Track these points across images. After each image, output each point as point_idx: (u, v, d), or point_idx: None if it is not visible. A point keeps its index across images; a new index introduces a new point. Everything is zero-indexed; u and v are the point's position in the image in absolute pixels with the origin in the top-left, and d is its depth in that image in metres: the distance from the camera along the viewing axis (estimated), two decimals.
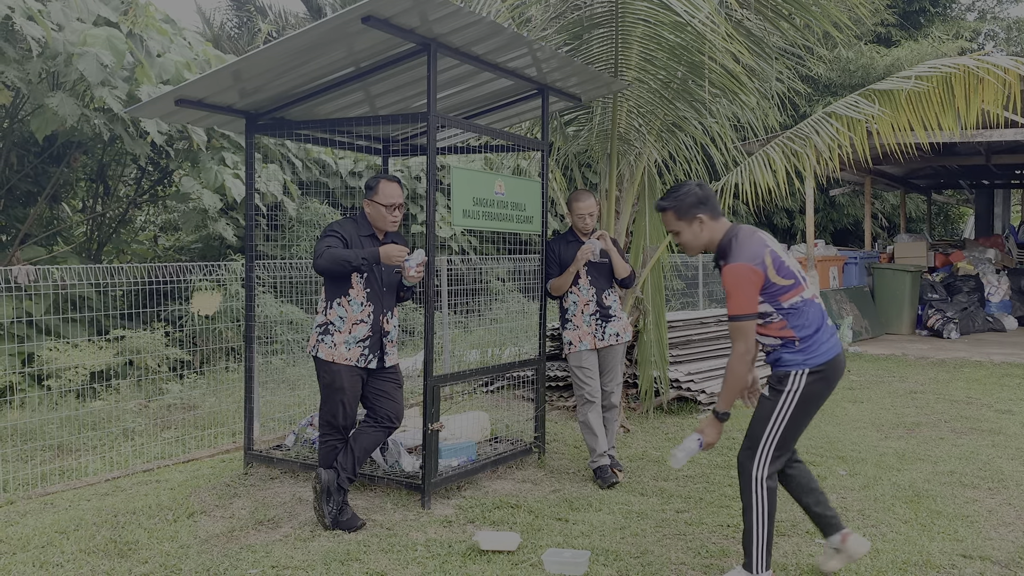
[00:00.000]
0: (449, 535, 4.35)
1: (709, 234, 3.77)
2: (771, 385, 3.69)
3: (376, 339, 4.60)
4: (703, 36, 5.75)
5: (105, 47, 7.24)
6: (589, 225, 5.51)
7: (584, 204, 5.48)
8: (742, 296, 3.56)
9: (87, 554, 4.08)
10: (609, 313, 5.52)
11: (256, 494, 5.04)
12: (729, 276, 3.59)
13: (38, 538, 4.29)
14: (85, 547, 4.17)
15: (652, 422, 7.04)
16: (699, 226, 3.76)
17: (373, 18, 4.27)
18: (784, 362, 3.67)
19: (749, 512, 3.65)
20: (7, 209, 9.15)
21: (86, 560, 4.02)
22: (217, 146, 9.23)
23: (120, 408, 6.76)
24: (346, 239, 4.53)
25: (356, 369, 4.55)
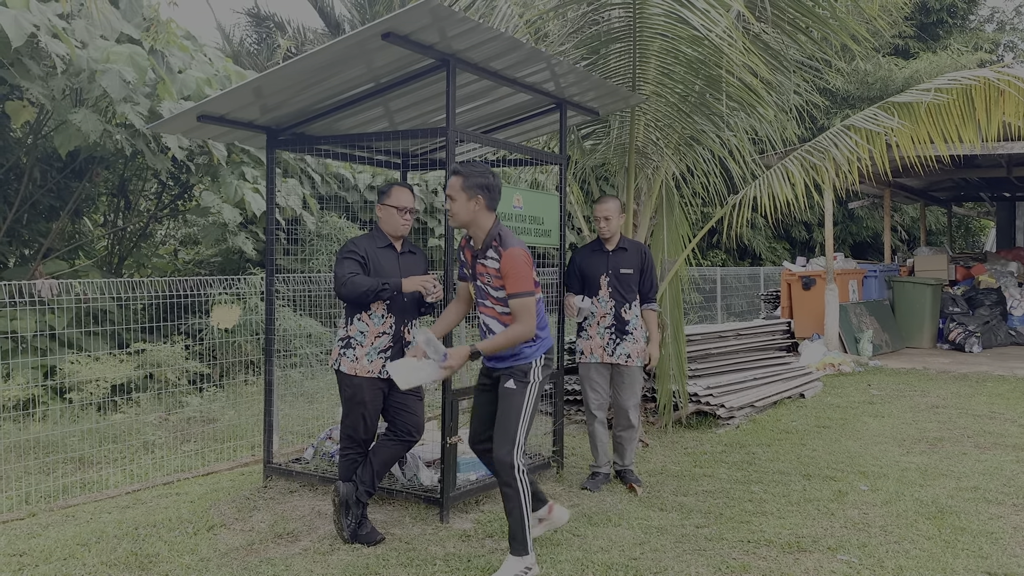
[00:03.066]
0: (468, 549, 4.34)
1: (476, 217, 4.03)
2: (516, 379, 4.00)
3: (398, 350, 4.60)
4: (720, 50, 5.76)
5: (128, 64, 7.34)
6: (604, 230, 5.49)
7: (601, 207, 5.49)
8: (525, 276, 3.93)
9: (108, 567, 4.11)
10: (626, 329, 5.44)
11: (275, 507, 5.06)
12: (511, 259, 3.91)
13: (60, 550, 4.32)
14: (106, 560, 4.19)
15: (671, 436, 7.01)
16: (474, 205, 4.02)
17: (393, 34, 4.30)
18: (525, 355, 4.03)
19: (516, 500, 3.91)
20: (30, 223, 9.26)
21: (107, 573, 4.04)
22: (237, 161, 9.31)
23: (140, 421, 6.81)
24: (364, 258, 4.59)
25: (378, 381, 4.56)
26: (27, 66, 7.09)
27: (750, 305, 16.33)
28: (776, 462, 6.19)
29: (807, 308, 12.83)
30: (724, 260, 18.79)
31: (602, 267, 5.50)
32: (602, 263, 5.52)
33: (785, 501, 5.22)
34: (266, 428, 5.64)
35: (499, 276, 3.97)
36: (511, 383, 4.01)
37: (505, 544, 4.41)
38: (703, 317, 13.78)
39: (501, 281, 3.97)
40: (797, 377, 9.24)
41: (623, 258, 5.52)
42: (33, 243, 9.29)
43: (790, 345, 10.21)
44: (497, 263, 3.96)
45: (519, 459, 3.93)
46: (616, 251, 5.54)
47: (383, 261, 4.63)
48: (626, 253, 5.53)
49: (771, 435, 7.09)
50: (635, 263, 5.52)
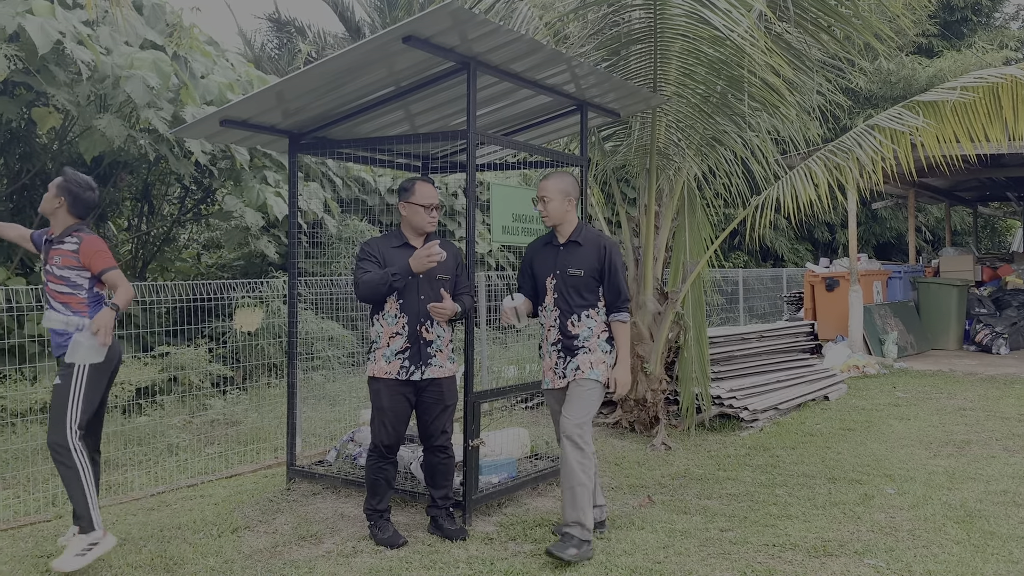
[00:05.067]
0: (491, 552, 4.33)
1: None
2: (60, 372, 4.19)
3: (416, 350, 4.47)
4: (742, 50, 5.72)
5: (151, 70, 7.41)
6: (544, 216, 4.54)
7: (540, 185, 4.56)
8: (110, 257, 4.32)
9: (134, 568, 4.13)
10: (575, 345, 4.37)
11: (299, 510, 5.07)
12: (97, 243, 4.30)
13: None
14: (132, 561, 4.22)
15: (694, 439, 6.97)
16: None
17: (414, 38, 4.31)
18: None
19: (77, 480, 4.06)
20: None
21: (132, 574, 4.07)
22: (259, 165, 9.37)
23: (164, 424, 6.86)
24: (379, 258, 4.49)
25: (397, 383, 4.46)
26: (53, 73, 7.17)
27: (773, 307, 16.22)
28: (801, 465, 6.13)
29: (831, 310, 12.72)
30: (746, 262, 18.67)
31: (550, 265, 4.48)
32: (550, 260, 4.49)
33: (810, 504, 5.16)
34: (289, 431, 5.66)
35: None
36: (58, 378, 4.18)
37: (529, 547, 4.40)
38: (725, 319, 13.70)
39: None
40: (821, 379, 9.15)
41: (573, 255, 4.41)
42: None
43: (814, 347, 10.13)
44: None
45: (74, 440, 4.10)
46: (567, 245, 4.45)
47: (397, 260, 4.44)
48: (579, 249, 4.40)
49: (795, 438, 7.03)
50: (588, 263, 4.36)
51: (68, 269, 4.27)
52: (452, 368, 4.61)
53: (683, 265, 6.91)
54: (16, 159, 8.66)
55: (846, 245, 19.16)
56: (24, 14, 6.59)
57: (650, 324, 6.95)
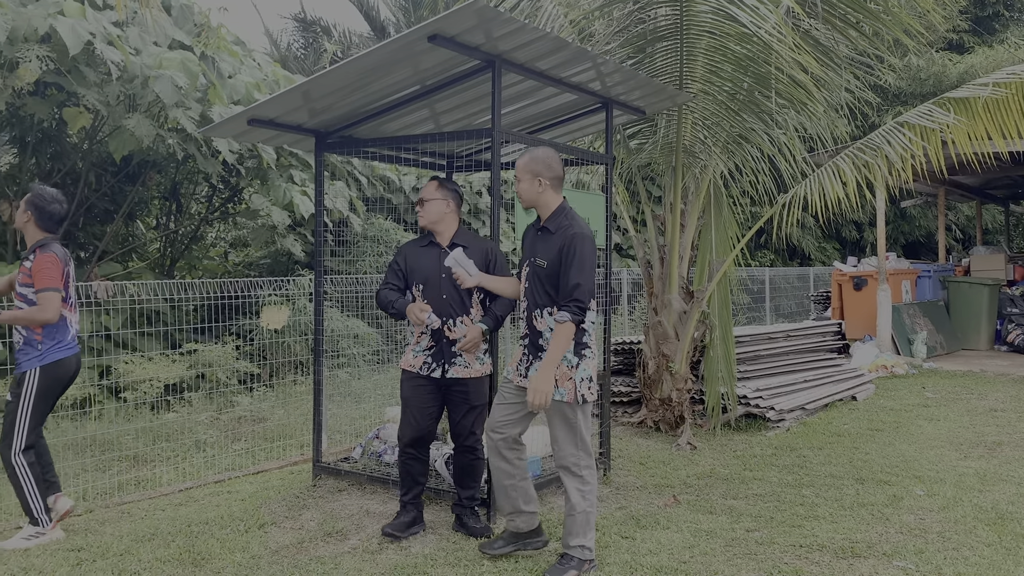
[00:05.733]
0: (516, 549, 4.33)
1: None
2: (11, 390, 4.46)
3: (440, 349, 4.52)
4: (770, 47, 5.68)
5: (180, 70, 7.48)
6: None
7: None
8: (54, 277, 4.38)
9: (163, 563, 4.18)
10: (539, 344, 4.04)
11: (324, 506, 5.11)
12: (47, 260, 4.38)
13: (116, 546, 4.41)
14: (161, 556, 4.27)
15: (720, 439, 6.92)
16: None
17: (439, 36, 4.31)
18: (22, 365, 4.45)
19: (20, 486, 4.44)
20: (86, 227, 9.50)
21: (162, 568, 4.11)
22: (285, 164, 9.44)
23: (192, 420, 6.93)
24: (402, 263, 4.64)
25: (420, 378, 4.52)
26: (83, 73, 7.26)
27: (799, 306, 16.08)
28: (828, 466, 6.07)
29: (859, 309, 12.59)
30: (772, 260, 18.52)
31: (527, 252, 4.23)
32: (528, 246, 4.24)
33: (838, 505, 5.11)
34: (315, 427, 5.69)
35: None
36: (9, 394, 4.46)
37: (554, 544, 4.40)
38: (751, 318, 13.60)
39: None
40: (849, 379, 9.06)
41: (543, 243, 4.11)
42: (88, 246, 9.52)
43: (841, 347, 10.02)
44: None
45: (16, 452, 4.41)
46: (542, 232, 4.14)
47: (422, 260, 4.57)
48: (550, 237, 4.09)
49: (822, 438, 6.96)
50: (552, 254, 4.01)
51: (25, 287, 4.41)
52: (480, 369, 4.60)
53: (709, 264, 6.87)
54: (47, 158, 8.78)
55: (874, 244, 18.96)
56: (56, 15, 6.69)
57: (675, 323, 6.92)
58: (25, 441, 4.43)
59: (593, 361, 4.00)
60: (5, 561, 4.21)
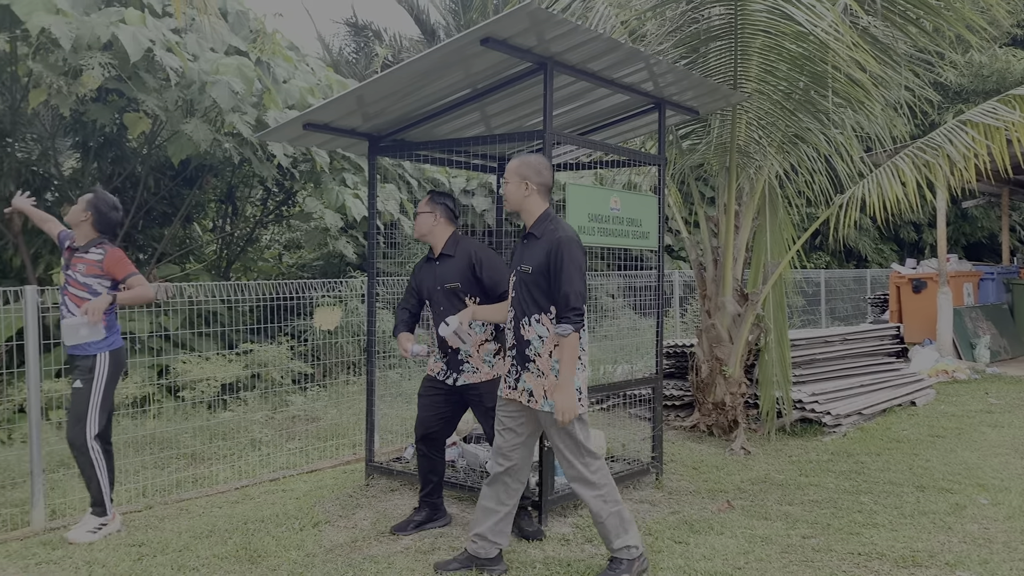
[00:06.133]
0: (567, 553, 4.32)
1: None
2: (80, 376, 4.58)
3: (448, 359, 4.69)
4: (826, 45, 5.58)
5: (236, 75, 7.62)
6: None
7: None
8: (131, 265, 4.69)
9: (220, 559, 4.26)
10: (526, 354, 3.92)
11: (377, 505, 5.15)
12: (119, 253, 4.67)
13: (175, 542, 4.51)
14: (218, 552, 4.35)
15: (774, 444, 6.81)
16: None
17: (492, 39, 4.32)
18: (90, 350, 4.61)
19: (93, 473, 4.58)
20: (145, 229, 9.74)
21: (219, 565, 4.19)
22: (338, 167, 9.56)
23: (247, 419, 7.05)
24: (414, 283, 4.86)
25: (435, 381, 4.74)
26: (143, 79, 7.45)
27: (855, 309, 15.75)
28: (887, 472, 5.93)
29: (918, 312, 12.28)
30: (828, 262, 18.17)
31: (515, 260, 4.14)
32: (515, 254, 4.15)
33: (897, 513, 4.99)
34: (368, 427, 5.75)
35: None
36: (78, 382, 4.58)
37: (606, 549, 4.37)
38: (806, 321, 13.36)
39: None
40: (908, 384, 8.84)
41: (529, 250, 3.98)
42: (147, 248, 9.76)
43: (900, 351, 9.78)
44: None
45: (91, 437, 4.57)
46: (528, 238, 4.04)
47: (424, 275, 4.78)
48: (536, 243, 3.96)
49: (881, 444, 6.80)
50: (537, 259, 3.89)
51: (92, 277, 4.64)
52: (490, 372, 4.63)
53: (764, 266, 6.77)
54: (109, 163, 9.03)
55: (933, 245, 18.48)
56: (117, 23, 6.86)
57: (729, 326, 6.83)
58: (98, 425, 4.59)
59: (584, 373, 3.90)
60: (70, 555, 4.33)
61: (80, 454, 4.57)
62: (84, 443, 4.56)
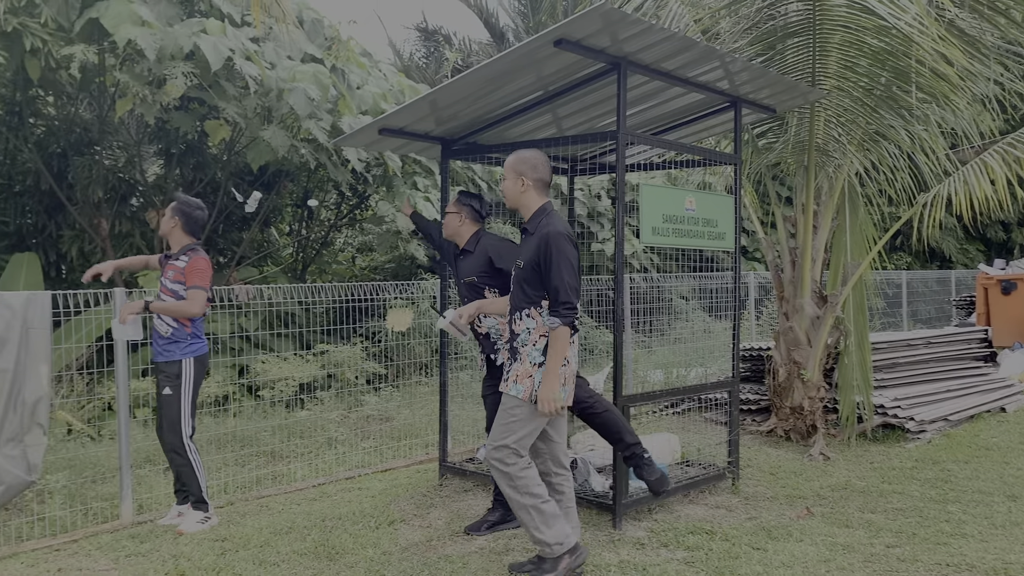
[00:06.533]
0: (643, 558, 4.27)
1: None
2: (168, 383, 4.76)
3: (482, 343, 4.81)
4: (910, 39, 5.40)
5: (312, 82, 7.79)
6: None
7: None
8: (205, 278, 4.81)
9: (300, 555, 4.35)
10: (515, 346, 3.97)
11: (451, 505, 5.19)
12: (200, 262, 4.82)
13: (256, 538, 4.62)
14: (297, 549, 4.44)
15: (855, 450, 6.62)
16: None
17: (565, 41, 4.32)
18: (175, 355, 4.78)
19: (192, 473, 4.79)
20: (225, 233, 10.02)
21: (299, 561, 4.28)
22: (410, 171, 9.68)
23: (323, 418, 7.19)
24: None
25: (487, 379, 4.86)
26: (224, 87, 7.66)
27: (939, 311, 15.20)
28: (975, 481, 5.71)
29: (1007, 315, 11.78)
30: (909, 263, 17.59)
31: (456, 274, 4.91)
32: (516, 251, 4.37)
33: (988, 523, 4.79)
34: (441, 428, 5.80)
35: None
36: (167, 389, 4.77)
37: (682, 553, 4.31)
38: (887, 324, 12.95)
39: None
40: (997, 389, 8.49)
41: (525, 245, 4.01)
42: (227, 251, 10.04)
43: (988, 355, 9.40)
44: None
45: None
46: (524, 234, 4.09)
47: (454, 270, 5.01)
48: (529, 239, 3.98)
49: (968, 451, 6.55)
50: (529, 254, 3.90)
51: (177, 283, 4.80)
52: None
53: (844, 266, 6.58)
54: (190, 169, 9.32)
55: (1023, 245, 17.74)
56: (199, 34, 7.08)
57: (807, 328, 6.67)
58: (191, 427, 4.81)
59: (565, 369, 3.80)
60: (158, 548, 4.48)
61: (178, 455, 4.78)
62: (181, 444, 4.77)
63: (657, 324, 11.02)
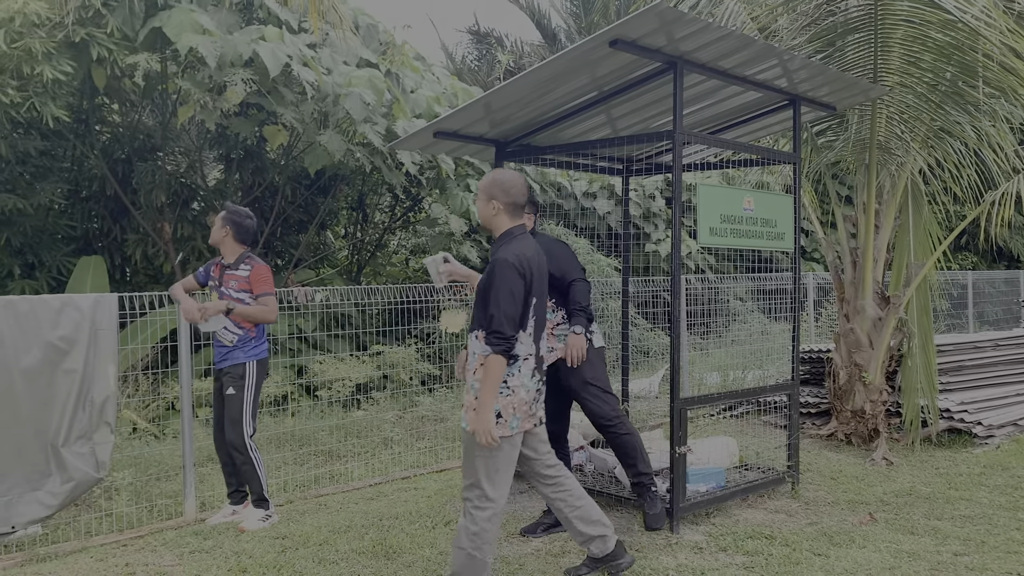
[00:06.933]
0: (701, 562, 4.22)
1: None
2: (232, 384, 4.89)
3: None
4: (977, 32, 5.24)
5: (367, 87, 7.88)
6: None
7: None
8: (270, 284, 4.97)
9: (358, 554, 4.40)
10: (469, 366, 3.91)
11: (506, 506, 5.19)
12: (264, 271, 4.97)
13: (316, 536, 4.68)
14: (356, 547, 4.49)
15: (919, 455, 6.45)
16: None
17: (620, 41, 4.29)
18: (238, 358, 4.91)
19: (254, 471, 4.91)
20: (283, 236, 10.20)
21: (357, 559, 4.33)
22: (462, 174, 9.73)
23: (379, 418, 7.26)
24: None
25: None
26: (282, 93, 7.80)
27: (1007, 313, 14.72)
28: None
29: None
30: (975, 263, 17.07)
31: None
32: None
33: None
34: None
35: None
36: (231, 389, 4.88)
37: (741, 558, 4.25)
38: (951, 326, 12.59)
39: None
40: None
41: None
42: (285, 254, 10.22)
43: None
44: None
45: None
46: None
47: None
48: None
49: None
50: (482, 279, 3.83)
51: (242, 292, 4.93)
52: (561, 350, 4.69)
53: (907, 267, 6.42)
54: (249, 173, 9.50)
55: None
56: (258, 41, 7.22)
57: (869, 330, 6.52)
58: (252, 427, 4.93)
59: (510, 398, 3.59)
60: (220, 545, 4.58)
61: (240, 453, 4.90)
62: (243, 443, 4.88)
63: (713, 326, 10.88)
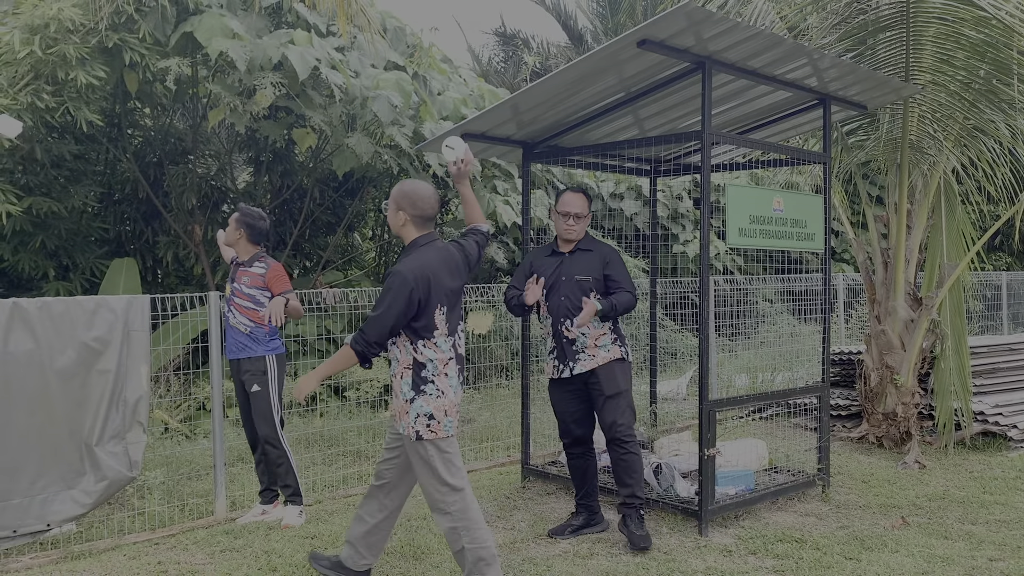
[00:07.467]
0: (731, 565, 4.19)
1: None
2: (256, 380, 4.93)
3: (561, 349, 4.70)
4: (1012, 29, 5.16)
5: (395, 89, 7.91)
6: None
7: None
8: (287, 282, 5.00)
9: (386, 554, 4.42)
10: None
11: (534, 508, 5.19)
12: (279, 269, 5.03)
13: (344, 535, 4.70)
14: (385, 548, 4.50)
15: (952, 458, 6.35)
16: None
17: (648, 41, 4.28)
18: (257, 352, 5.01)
19: (288, 466, 4.98)
20: (311, 238, 10.28)
21: (385, 559, 4.35)
22: (489, 175, 9.74)
23: None
24: (527, 270, 4.83)
25: (556, 382, 4.78)
26: (310, 96, 7.86)
27: None
28: None
29: None
30: (1009, 264, 16.80)
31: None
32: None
33: None
34: (523, 430, 5.82)
35: None
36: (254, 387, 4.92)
37: (771, 562, 4.22)
38: (985, 328, 12.40)
39: None
40: None
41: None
42: (313, 256, 10.30)
43: None
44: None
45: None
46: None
47: (545, 266, 4.76)
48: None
49: None
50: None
51: (255, 289, 5.02)
52: (606, 355, 4.61)
53: (939, 268, 6.34)
54: (278, 176, 9.59)
55: None
56: (287, 44, 7.28)
57: (901, 332, 6.44)
58: (281, 420, 5.00)
59: (440, 400, 3.62)
60: (250, 544, 4.62)
61: (274, 447, 4.97)
62: (276, 436, 4.96)
63: (742, 327, 10.80)
